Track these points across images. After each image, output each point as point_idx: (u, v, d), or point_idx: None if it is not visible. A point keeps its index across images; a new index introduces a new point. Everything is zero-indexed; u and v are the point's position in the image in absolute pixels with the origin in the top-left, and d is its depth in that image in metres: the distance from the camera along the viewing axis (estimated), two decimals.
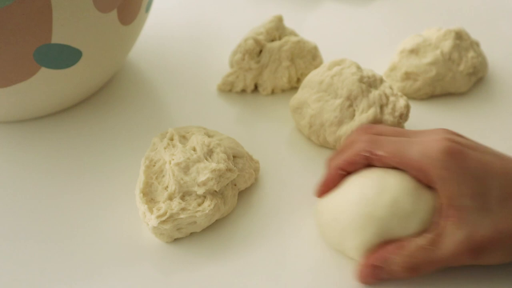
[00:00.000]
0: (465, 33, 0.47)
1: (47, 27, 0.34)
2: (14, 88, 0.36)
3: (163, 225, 0.31)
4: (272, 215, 0.35)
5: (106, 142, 0.41)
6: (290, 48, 0.45)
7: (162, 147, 0.35)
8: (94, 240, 0.33)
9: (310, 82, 0.41)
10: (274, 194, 0.37)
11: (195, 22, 0.58)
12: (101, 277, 0.31)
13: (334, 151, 0.36)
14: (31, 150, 0.40)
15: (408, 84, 0.45)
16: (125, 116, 0.44)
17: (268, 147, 0.40)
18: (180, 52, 0.52)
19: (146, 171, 0.34)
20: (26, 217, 0.35)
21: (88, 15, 0.35)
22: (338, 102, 0.38)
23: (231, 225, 0.34)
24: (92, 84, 0.43)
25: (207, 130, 0.37)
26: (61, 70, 0.37)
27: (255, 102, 0.46)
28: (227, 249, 0.33)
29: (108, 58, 0.42)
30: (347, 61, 0.40)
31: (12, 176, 0.38)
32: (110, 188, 0.37)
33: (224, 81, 0.46)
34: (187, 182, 0.32)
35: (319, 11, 0.61)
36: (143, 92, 0.47)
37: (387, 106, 0.38)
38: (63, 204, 0.36)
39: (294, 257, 0.32)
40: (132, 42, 0.45)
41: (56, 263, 0.32)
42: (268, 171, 0.38)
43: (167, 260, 0.32)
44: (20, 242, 0.33)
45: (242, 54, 0.44)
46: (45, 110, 0.42)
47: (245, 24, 0.53)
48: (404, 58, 0.46)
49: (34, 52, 0.34)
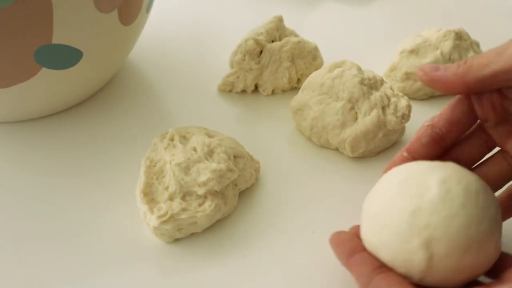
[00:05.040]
0: (465, 33, 0.47)
1: (47, 28, 0.34)
2: (14, 88, 0.36)
3: (163, 225, 0.31)
4: (273, 215, 0.35)
5: (107, 142, 0.41)
6: (290, 48, 0.45)
7: (163, 148, 0.35)
8: (94, 240, 0.33)
9: (311, 84, 0.41)
10: (275, 194, 0.37)
11: (195, 23, 0.58)
12: (101, 277, 0.31)
13: (335, 152, 0.36)
14: (31, 150, 0.40)
15: (408, 85, 0.45)
16: (125, 116, 0.44)
17: (269, 147, 0.40)
18: (180, 53, 0.52)
19: (146, 171, 0.34)
20: (26, 217, 0.35)
21: (88, 15, 0.35)
22: (339, 105, 0.38)
23: (232, 225, 0.34)
24: (92, 84, 0.43)
25: (207, 130, 0.37)
26: (61, 70, 0.37)
27: (256, 103, 0.46)
28: (227, 249, 0.33)
29: (109, 59, 0.42)
30: (348, 63, 0.40)
31: (12, 176, 0.38)
32: (110, 188, 0.37)
33: (225, 82, 0.46)
34: (188, 182, 0.32)
35: (319, 11, 0.62)
36: (143, 92, 0.47)
37: (389, 106, 0.38)
38: (63, 204, 0.36)
39: (294, 257, 0.32)
40: (133, 43, 0.45)
41: (56, 263, 0.32)
42: (269, 171, 0.38)
43: (167, 260, 0.32)
44: (20, 242, 0.33)
45: (242, 55, 0.44)
46: (46, 110, 0.42)
47: (245, 25, 0.53)
48: (404, 59, 0.46)
49: (34, 53, 0.34)
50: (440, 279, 0.26)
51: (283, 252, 0.32)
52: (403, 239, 0.25)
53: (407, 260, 0.26)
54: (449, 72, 0.28)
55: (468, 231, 0.25)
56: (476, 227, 0.25)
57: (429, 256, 0.25)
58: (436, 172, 0.27)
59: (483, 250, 0.25)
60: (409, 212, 0.26)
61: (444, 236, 0.25)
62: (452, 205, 0.25)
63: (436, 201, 0.25)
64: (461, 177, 0.26)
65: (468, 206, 0.25)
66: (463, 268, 0.25)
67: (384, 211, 0.27)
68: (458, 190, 0.26)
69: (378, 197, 0.28)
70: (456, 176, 0.26)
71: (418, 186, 0.26)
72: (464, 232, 0.25)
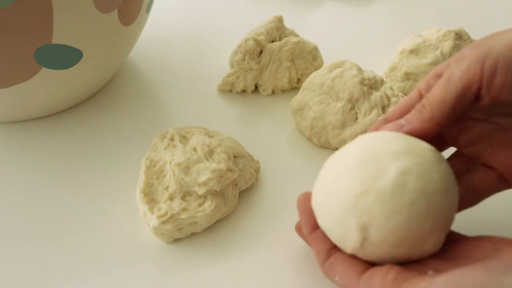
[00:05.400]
0: (465, 33, 0.47)
1: (47, 28, 0.34)
2: (14, 89, 0.36)
3: (164, 225, 0.31)
4: (273, 215, 0.35)
5: (107, 142, 0.41)
6: (290, 48, 0.45)
7: (163, 148, 0.35)
8: (94, 240, 0.33)
9: (311, 84, 0.41)
10: (275, 194, 0.37)
11: (195, 23, 0.58)
12: (101, 276, 0.31)
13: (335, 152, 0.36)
14: (31, 150, 0.40)
15: (408, 84, 0.45)
16: (125, 116, 0.44)
17: (269, 147, 0.40)
18: (180, 53, 0.52)
19: (146, 171, 0.34)
20: (26, 217, 0.35)
21: (88, 15, 0.35)
22: (340, 105, 0.38)
23: (232, 225, 0.34)
24: (92, 84, 0.43)
25: (207, 130, 0.37)
26: (61, 70, 0.37)
27: (256, 102, 0.46)
28: (227, 249, 0.33)
29: (109, 59, 0.42)
30: (348, 63, 0.40)
31: (12, 176, 0.38)
32: (110, 189, 0.37)
33: (225, 82, 0.46)
34: (188, 182, 0.32)
35: (319, 11, 0.62)
36: (143, 92, 0.47)
37: (389, 107, 0.38)
38: (64, 204, 0.36)
39: (294, 257, 0.32)
40: (133, 43, 0.45)
41: (56, 263, 0.32)
42: (269, 171, 0.38)
43: (167, 260, 0.32)
44: (20, 242, 0.33)
45: (242, 55, 0.44)
46: (46, 110, 0.42)
47: (245, 25, 0.53)
48: (404, 59, 0.46)
49: (34, 53, 0.34)
50: (371, 259, 0.26)
51: (283, 252, 0.32)
52: (344, 215, 0.26)
53: (342, 235, 0.26)
54: (416, 123, 0.27)
55: (409, 228, 0.24)
56: (418, 226, 0.24)
57: (362, 239, 0.25)
58: (401, 160, 0.25)
59: (419, 246, 0.25)
60: (357, 192, 0.25)
61: (381, 227, 0.25)
62: (401, 199, 0.24)
63: (387, 191, 0.25)
64: (424, 173, 0.25)
65: (417, 204, 0.24)
66: (393, 257, 0.25)
67: (337, 182, 0.27)
68: (414, 186, 0.25)
69: (336, 165, 0.28)
70: (420, 170, 0.25)
71: (376, 169, 0.25)
72: (404, 228, 0.24)
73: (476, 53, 0.25)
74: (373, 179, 0.25)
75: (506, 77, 0.24)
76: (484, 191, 0.29)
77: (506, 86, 0.24)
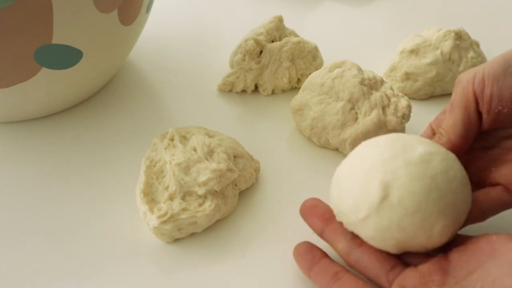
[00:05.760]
0: (465, 33, 0.47)
1: (47, 28, 0.34)
2: (14, 89, 0.36)
3: (164, 225, 0.31)
4: (273, 215, 0.35)
5: (107, 142, 0.41)
6: (290, 48, 0.45)
7: (163, 148, 0.35)
8: (94, 240, 0.33)
9: (311, 84, 0.41)
10: (275, 194, 0.37)
11: (195, 23, 0.58)
12: (101, 276, 0.31)
13: (335, 152, 0.36)
14: (31, 150, 0.40)
15: (408, 85, 0.45)
16: (125, 116, 0.44)
17: (269, 147, 0.40)
18: (180, 52, 0.52)
19: (146, 171, 0.34)
20: (26, 217, 0.35)
21: (88, 15, 0.35)
22: (340, 105, 0.38)
23: (232, 225, 0.34)
24: (92, 84, 0.43)
25: (207, 130, 0.37)
26: (61, 70, 0.37)
27: (256, 102, 0.46)
28: (227, 249, 0.33)
29: (109, 59, 0.42)
30: (348, 63, 0.40)
31: (12, 176, 0.38)
32: (110, 188, 0.37)
33: (225, 82, 0.46)
34: (188, 182, 0.32)
35: (319, 11, 0.62)
36: (143, 92, 0.47)
37: (389, 107, 0.38)
38: (64, 205, 0.36)
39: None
40: (133, 43, 0.45)
41: (56, 263, 0.32)
42: (269, 171, 0.38)
43: (167, 260, 0.32)
44: (21, 242, 0.33)
45: (242, 55, 0.44)
46: (46, 110, 0.42)
47: (245, 25, 0.53)
48: (404, 59, 0.46)
49: (34, 53, 0.34)
50: (378, 236, 0.27)
51: (283, 252, 0.32)
52: (369, 174, 0.27)
53: (361, 194, 0.27)
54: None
55: (427, 197, 0.26)
56: (434, 200, 0.26)
57: (382, 197, 0.26)
58: (428, 145, 0.28)
59: (429, 224, 0.26)
60: (383, 159, 0.27)
61: (402, 188, 0.26)
62: (425, 170, 0.26)
63: (414, 160, 0.26)
64: (448, 160, 0.27)
65: (438, 180, 0.26)
66: (401, 229, 0.26)
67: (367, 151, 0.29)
68: (437, 165, 0.26)
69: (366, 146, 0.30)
70: (445, 157, 0.27)
71: (404, 146, 0.27)
72: (423, 195, 0.26)
73: (467, 76, 0.29)
74: (402, 152, 0.27)
75: (492, 88, 0.28)
76: (491, 206, 0.30)
77: (494, 96, 0.28)
